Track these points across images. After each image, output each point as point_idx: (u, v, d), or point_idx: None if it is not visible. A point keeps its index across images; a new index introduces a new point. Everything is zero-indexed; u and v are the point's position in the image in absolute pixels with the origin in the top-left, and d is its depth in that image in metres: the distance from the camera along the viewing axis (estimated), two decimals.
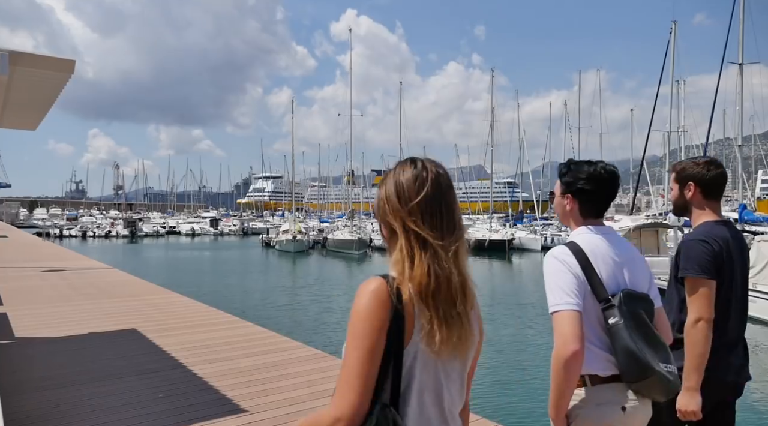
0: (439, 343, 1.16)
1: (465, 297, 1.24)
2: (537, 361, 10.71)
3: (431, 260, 1.19)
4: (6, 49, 3.60)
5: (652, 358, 1.75)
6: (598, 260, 1.85)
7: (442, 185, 1.26)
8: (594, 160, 2.03)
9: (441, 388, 1.22)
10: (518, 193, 74.74)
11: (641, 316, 1.80)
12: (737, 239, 2.38)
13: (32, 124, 6.57)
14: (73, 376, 4.80)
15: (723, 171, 2.42)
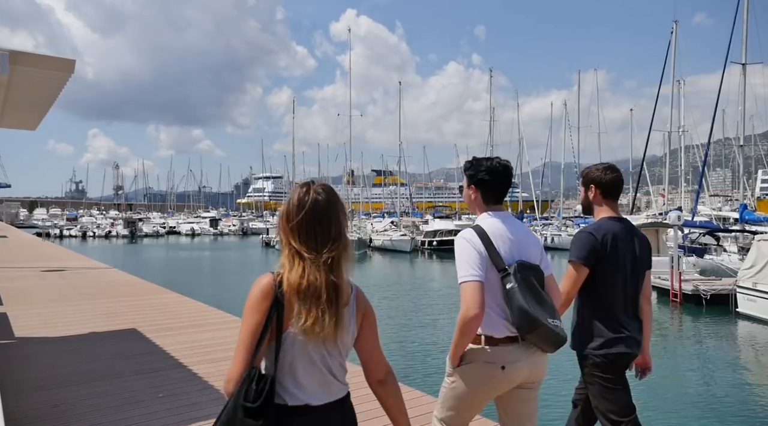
0: (306, 330, 1.48)
1: (337, 297, 1.52)
2: None
3: (303, 268, 1.51)
4: (6, 49, 3.60)
5: (541, 314, 2.13)
6: (497, 239, 2.25)
7: (317, 210, 1.54)
8: (492, 157, 2.43)
9: (314, 364, 1.53)
10: (518, 193, 74.75)
11: (532, 282, 2.19)
12: (629, 234, 2.77)
13: (32, 124, 6.57)
14: (73, 375, 4.79)
15: (618, 175, 2.86)
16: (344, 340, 1.58)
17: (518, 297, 2.12)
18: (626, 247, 2.71)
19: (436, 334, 12.97)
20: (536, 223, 47.67)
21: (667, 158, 33.70)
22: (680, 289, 16.61)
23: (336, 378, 1.59)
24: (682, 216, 19.29)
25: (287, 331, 1.50)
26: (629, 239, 2.75)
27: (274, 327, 1.50)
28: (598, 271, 2.68)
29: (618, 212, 2.86)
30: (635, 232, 2.84)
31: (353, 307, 1.60)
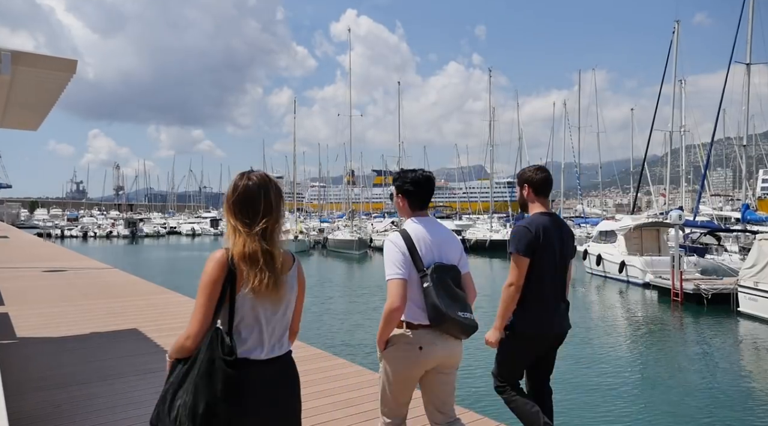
0: (254, 290, 1.80)
1: (273, 261, 1.84)
2: None
3: (242, 240, 1.83)
4: (9, 49, 3.60)
5: (452, 309, 2.47)
6: (420, 241, 2.56)
7: (248, 192, 1.88)
8: (416, 169, 2.74)
9: (261, 321, 1.84)
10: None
11: (446, 281, 2.53)
12: (557, 227, 3.15)
13: (34, 124, 6.57)
14: (75, 376, 4.79)
15: (547, 175, 3.24)
16: (289, 301, 1.93)
17: (432, 295, 2.47)
18: (555, 237, 3.11)
19: None
20: None
21: (669, 158, 33.69)
22: (681, 288, 16.60)
23: (278, 335, 1.91)
24: (683, 215, 19.25)
25: (239, 293, 1.82)
26: (557, 231, 3.15)
27: (229, 291, 1.81)
28: (533, 260, 3.05)
29: (548, 208, 3.24)
30: (562, 224, 3.24)
31: (295, 276, 1.97)
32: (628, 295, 19.35)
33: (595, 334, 13.32)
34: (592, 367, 10.28)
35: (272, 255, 1.86)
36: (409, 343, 2.53)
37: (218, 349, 1.74)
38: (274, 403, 1.87)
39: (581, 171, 50.63)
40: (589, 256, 24.33)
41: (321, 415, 3.97)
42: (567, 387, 9.02)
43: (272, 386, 1.87)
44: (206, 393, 1.71)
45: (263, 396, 1.84)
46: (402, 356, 2.55)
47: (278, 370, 1.89)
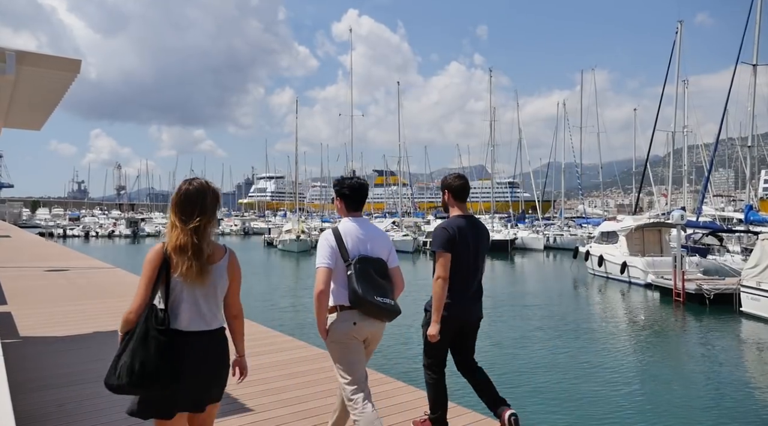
0: (182, 275, 2.23)
1: (200, 253, 2.26)
2: (540, 359, 10.70)
3: (177, 234, 2.26)
4: (13, 49, 3.61)
5: (369, 294, 2.90)
6: (348, 237, 3.03)
7: (187, 196, 2.31)
8: (353, 176, 3.28)
9: (192, 302, 2.27)
10: (519, 193, 74.57)
11: (368, 271, 2.96)
12: (472, 227, 3.59)
13: (37, 124, 6.58)
14: (78, 375, 4.80)
15: (465, 183, 3.67)
16: (216, 285, 2.34)
17: (353, 281, 2.92)
18: (470, 236, 3.55)
19: None
20: (538, 224, 47.56)
21: (671, 158, 33.63)
22: (683, 288, 16.58)
23: (207, 313, 2.32)
24: (686, 215, 19.23)
25: (173, 278, 2.25)
26: (473, 231, 3.58)
27: (165, 276, 2.25)
28: (456, 255, 3.48)
29: (465, 211, 3.66)
30: (478, 225, 3.67)
31: (226, 266, 2.38)
32: (630, 295, 19.33)
33: (598, 334, 13.30)
34: (595, 367, 10.27)
35: (200, 248, 2.27)
36: (345, 321, 3.00)
37: (152, 321, 2.20)
38: (203, 367, 2.28)
39: (582, 171, 50.52)
40: (591, 257, 24.30)
41: (324, 415, 3.97)
42: (570, 387, 9.02)
43: (202, 354, 2.28)
44: (141, 354, 2.13)
45: (194, 361, 2.25)
46: (342, 331, 3.01)
47: (208, 341, 2.31)
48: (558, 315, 15.54)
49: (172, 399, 2.24)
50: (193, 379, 2.24)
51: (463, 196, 3.66)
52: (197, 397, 2.29)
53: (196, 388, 2.27)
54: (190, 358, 2.24)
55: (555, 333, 13.10)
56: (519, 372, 9.85)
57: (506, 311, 16.10)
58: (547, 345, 11.91)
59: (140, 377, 2.12)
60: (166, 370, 2.16)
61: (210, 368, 2.30)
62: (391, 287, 3.09)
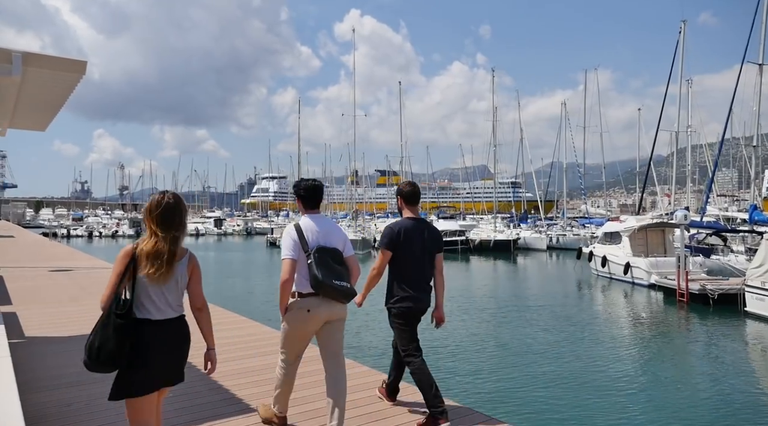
0: (148, 276, 2.55)
1: (171, 258, 2.59)
2: (544, 360, 10.68)
3: (155, 241, 2.59)
4: (20, 50, 3.62)
5: (327, 278, 3.34)
6: (308, 231, 3.51)
7: (168, 209, 2.63)
8: (309, 179, 3.78)
9: (154, 297, 2.58)
10: (522, 193, 74.44)
11: (325, 259, 3.42)
12: (420, 228, 4.03)
13: (42, 124, 6.59)
14: (85, 375, 4.78)
15: (415, 189, 4.16)
16: (178, 281, 2.66)
17: (313, 268, 3.37)
18: (416, 237, 3.97)
19: (447, 338, 12.89)
20: (540, 224, 47.47)
21: (675, 158, 33.53)
22: (687, 288, 16.54)
23: (169, 305, 2.63)
24: (689, 216, 19.17)
25: (138, 275, 2.56)
26: (419, 232, 4.02)
27: (132, 272, 2.56)
28: (396, 253, 3.94)
29: (416, 213, 4.14)
30: (427, 226, 4.12)
31: (186, 264, 2.71)
32: (634, 296, 19.29)
33: (602, 335, 13.28)
34: (599, 367, 10.25)
35: (174, 253, 2.62)
36: (299, 308, 3.47)
37: (113, 307, 2.52)
38: (164, 350, 2.60)
39: (585, 171, 50.40)
40: (595, 258, 24.25)
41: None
42: (574, 387, 9.00)
43: (163, 339, 2.60)
44: (102, 336, 2.48)
45: (156, 345, 2.57)
46: (294, 317, 3.49)
47: (169, 329, 2.62)
48: (562, 316, 15.51)
49: (142, 380, 2.54)
50: (157, 361, 2.58)
51: (413, 201, 4.14)
52: (163, 375, 2.62)
53: (162, 368, 2.59)
54: (152, 344, 2.56)
55: (559, 334, 13.08)
56: (524, 373, 9.84)
57: (511, 312, 16.07)
58: (552, 346, 11.89)
59: (98, 356, 2.47)
60: (123, 351, 2.48)
61: (172, 351, 2.64)
62: (347, 273, 3.55)
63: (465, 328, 13.78)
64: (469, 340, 12.42)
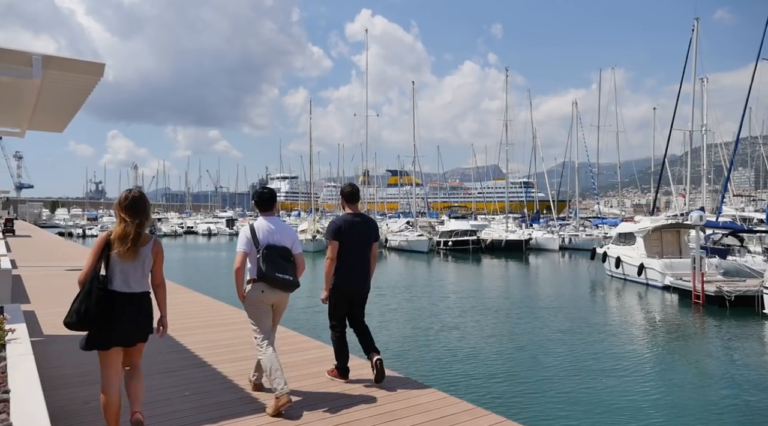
0: (119, 254, 3.22)
1: (137, 239, 3.28)
2: (559, 362, 10.62)
3: (124, 226, 3.27)
4: (39, 53, 3.68)
5: (270, 270, 4.07)
6: (260, 230, 4.23)
7: (134, 201, 3.34)
8: (263, 187, 4.55)
9: (123, 272, 3.26)
10: (534, 193, 74.05)
11: (272, 254, 4.14)
12: (359, 222, 4.79)
13: (60, 126, 6.69)
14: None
15: (354, 190, 4.93)
16: (143, 262, 3.36)
17: (259, 262, 4.10)
18: (355, 229, 4.72)
19: (462, 338, 12.85)
20: (553, 224, 47.16)
21: (689, 157, 33.15)
22: (703, 290, 16.34)
23: (134, 281, 3.31)
24: (705, 216, 18.92)
25: (111, 254, 3.25)
26: (359, 225, 4.76)
27: (106, 253, 3.27)
28: (342, 242, 4.67)
29: (355, 210, 4.88)
30: (366, 220, 4.93)
31: (150, 248, 3.41)
32: (648, 297, 19.10)
33: (617, 338, 13.17)
34: (614, 370, 10.16)
35: (139, 235, 3.33)
36: (256, 290, 4.20)
37: (95, 282, 3.21)
38: (130, 318, 3.30)
39: (598, 171, 49.98)
40: (609, 259, 24.05)
41: (342, 415, 3.98)
42: (589, 391, 8.93)
43: (129, 308, 3.29)
44: (86, 303, 3.19)
45: (124, 313, 3.27)
46: (253, 296, 4.23)
47: (134, 300, 3.30)
48: (577, 317, 15.39)
49: (108, 338, 3.29)
50: (121, 324, 3.28)
51: (353, 200, 4.90)
52: (125, 337, 3.33)
53: (124, 331, 3.30)
54: (120, 310, 3.26)
55: (574, 336, 12.98)
56: (539, 376, 9.78)
57: (524, 313, 15.98)
58: (566, 348, 11.80)
59: (82, 318, 3.20)
60: (101, 315, 3.21)
61: (133, 318, 3.32)
62: (293, 267, 4.24)
63: (480, 329, 13.73)
64: (484, 342, 12.37)
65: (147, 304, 3.39)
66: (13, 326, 3.36)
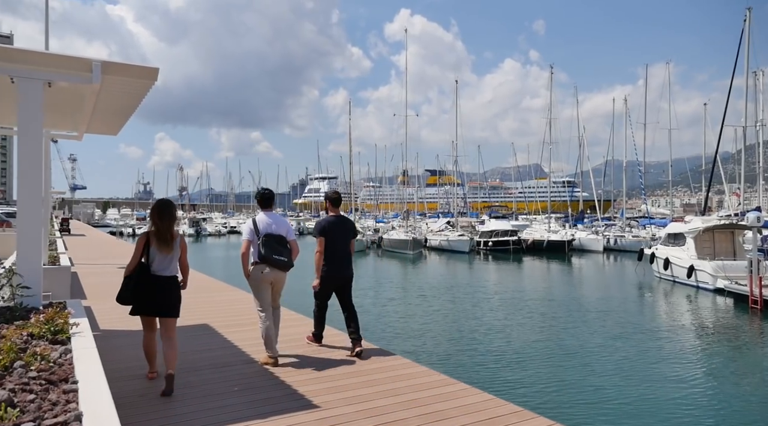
0: (157, 247, 4.45)
1: (171, 238, 4.48)
2: (608, 370, 10.33)
3: (156, 227, 4.48)
4: (99, 59, 3.84)
5: (268, 253, 5.20)
6: (260, 222, 5.33)
7: (159, 209, 4.50)
8: (264, 189, 5.67)
9: (160, 261, 4.44)
10: (578, 193, 72.20)
11: (270, 242, 5.23)
12: (339, 222, 5.89)
13: (115, 129, 6.97)
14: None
15: (338, 196, 6.08)
16: (174, 253, 4.47)
17: (260, 247, 5.20)
18: (337, 227, 5.85)
19: (508, 342, 12.64)
20: (597, 224, 45.89)
21: (743, 154, 31.65)
22: (761, 295, 15.58)
23: (167, 267, 4.44)
24: (762, 217, 18.02)
25: (152, 248, 4.39)
26: (339, 224, 5.89)
27: (147, 247, 4.42)
28: (327, 238, 5.74)
29: (337, 213, 6.02)
30: (345, 221, 6.03)
31: (178, 242, 4.52)
32: (698, 301, 18.35)
33: (670, 344, 12.71)
34: (668, 380, 9.81)
35: (170, 234, 4.45)
36: (259, 269, 5.29)
37: (140, 268, 4.44)
38: (164, 295, 4.46)
39: (645, 169, 48.28)
40: (657, 260, 23.25)
41: (389, 414, 3.99)
42: (643, 402, 8.63)
43: (163, 287, 4.45)
44: (131, 284, 4.41)
45: (158, 290, 4.43)
46: (256, 275, 5.31)
47: (168, 283, 4.47)
48: (625, 322, 14.91)
49: (146, 307, 4.48)
50: (156, 298, 4.46)
51: (336, 204, 6.03)
52: (158, 307, 4.49)
53: (156, 302, 4.46)
54: (157, 287, 4.44)
55: (624, 342, 12.56)
56: (589, 383, 9.53)
57: (571, 316, 15.61)
58: (617, 354, 11.44)
59: (130, 295, 4.43)
60: (141, 292, 4.42)
61: (167, 294, 4.49)
62: (288, 251, 5.36)
63: (525, 333, 13.45)
64: (530, 346, 12.10)
65: (176, 286, 4.57)
66: (77, 320, 3.51)
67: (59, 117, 6.39)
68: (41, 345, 3.01)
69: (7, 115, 6.35)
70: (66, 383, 2.44)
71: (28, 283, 4.06)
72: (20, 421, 1.99)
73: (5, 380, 2.42)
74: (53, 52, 4.19)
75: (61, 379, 2.49)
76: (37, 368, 2.60)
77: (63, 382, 2.45)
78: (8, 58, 3.82)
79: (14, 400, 2.16)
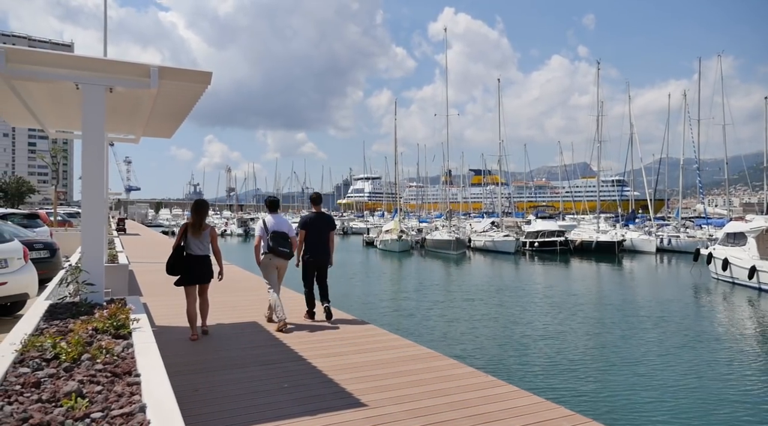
0: (192, 234, 6.35)
1: (200, 228, 6.38)
2: (666, 375, 9.93)
3: (194, 219, 6.40)
4: (156, 65, 4.00)
5: (276, 246, 6.97)
6: (269, 223, 7.10)
7: (199, 205, 6.53)
8: (272, 195, 8.03)
9: (195, 243, 6.35)
10: (628, 192, 69.78)
11: (277, 237, 7.01)
12: (319, 218, 7.46)
13: (169, 132, 7.24)
14: (207, 363, 5.20)
15: (319, 197, 7.64)
16: (205, 238, 6.37)
17: (269, 241, 6.92)
18: (317, 222, 7.37)
19: (562, 347, 12.35)
20: (649, 224, 44.24)
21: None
22: None
23: (201, 248, 6.35)
24: None
25: (188, 234, 6.32)
26: (318, 219, 7.40)
27: (185, 234, 6.34)
28: (308, 231, 7.29)
29: (318, 210, 7.47)
30: (323, 215, 7.49)
31: (208, 231, 6.43)
32: (761, 304, 17.39)
33: (729, 352, 12.09)
34: (726, 388, 9.34)
35: (201, 224, 6.32)
36: (268, 257, 6.97)
37: (180, 249, 6.32)
38: (200, 270, 6.34)
39: (701, 167, 46.14)
40: (715, 260, 22.20)
41: (436, 414, 3.97)
42: (702, 414, 8.26)
43: (198, 265, 6.30)
44: (174, 259, 6.31)
45: (195, 265, 6.30)
46: (265, 262, 6.99)
47: (201, 260, 6.31)
48: (684, 327, 14.22)
49: (188, 279, 6.25)
50: (193, 271, 6.26)
51: (318, 202, 7.50)
52: (196, 278, 6.29)
53: (194, 275, 6.26)
54: (193, 263, 6.24)
55: (687, 350, 11.93)
56: (645, 395, 9.19)
57: (626, 321, 14.99)
58: (677, 363, 10.91)
59: (174, 269, 6.25)
60: (182, 267, 6.24)
61: (201, 269, 6.29)
62: (289, 244, 6.98)
63: (579, 338, 13.02)
64: (584, 352, 11.70)
65: (208, 262, 6.35)
66: (137, 316, 3.66)
67: (118, 121, 6.69)
68: (105, 339, 3.16)
69: (69, 119, 6.70)
70: (129, 376, 2.55)
71: (92, 280, 4.27)
72: (89, 411, 2.09)
73: (74, 372, 2.55)
74: (113, 58, 4.40)
75: (125, 372, 2.60)
76: (103, 361, 2.73)
77: (127, 375, 2.56)
78: (73, 65, 4.03)
79: (83, 390, 2.27)
